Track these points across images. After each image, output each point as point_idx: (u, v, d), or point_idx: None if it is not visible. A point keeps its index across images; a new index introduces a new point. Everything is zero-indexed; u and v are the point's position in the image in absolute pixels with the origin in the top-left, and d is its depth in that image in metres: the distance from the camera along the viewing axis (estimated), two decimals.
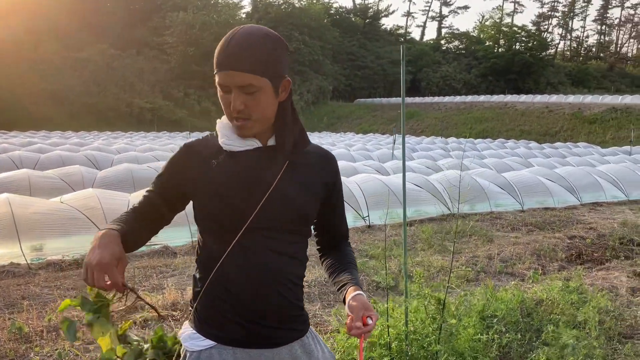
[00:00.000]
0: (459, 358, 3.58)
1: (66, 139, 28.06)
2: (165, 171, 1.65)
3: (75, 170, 11.58)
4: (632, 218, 10.51)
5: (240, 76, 1.47)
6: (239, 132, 1.55)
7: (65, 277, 6.36)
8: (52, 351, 4.30)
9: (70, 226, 7.14)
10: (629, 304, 5.58)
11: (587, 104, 45.72)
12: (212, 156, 1.59)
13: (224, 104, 1.55)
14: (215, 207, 1.53)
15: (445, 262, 7.08)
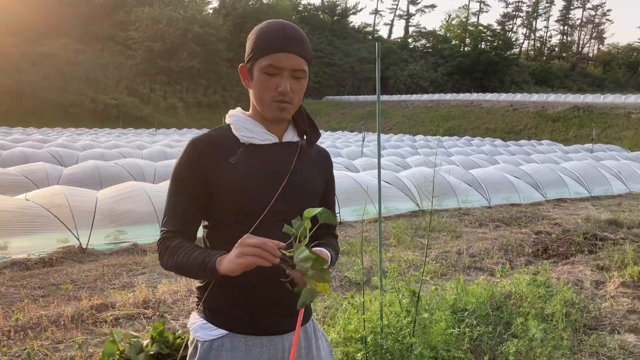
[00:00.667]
0: (432, 351, 3.64)
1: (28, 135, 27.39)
2: (186, 175, 1.59)
3: (40, 167, 11.30)
4: (595, 214, 10.81)
5: (297, 60, 1.56)
6: (280, 114, 1.59)
7: (32, 276, 6.22)
8: (21, 351, 4.21)
9: (37, 224, 6.97)
10: (593, 297, 5.74)
11: (550, 102, 46.79)
12: (229, 151, 1.60)
13: (264, 87, 1.56)
14: (238, 201, 1.55)
15: (415, 257, 7.17)
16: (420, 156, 19.51)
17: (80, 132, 35.99)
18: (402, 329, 3.57)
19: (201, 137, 1.63)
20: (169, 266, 1.56)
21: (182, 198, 1.59)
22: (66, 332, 4.62)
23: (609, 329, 4.88)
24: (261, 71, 1.55)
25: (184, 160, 1.60)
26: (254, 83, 1.59)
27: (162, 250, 1.58)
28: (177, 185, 1.60)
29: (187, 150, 1.60)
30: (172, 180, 1.62)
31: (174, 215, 1.60)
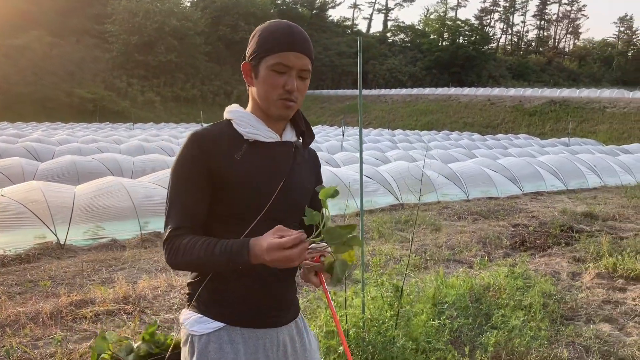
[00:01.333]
0: (413, 343, 3.68)
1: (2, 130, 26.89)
2: (191, 170, 1.57)
3: (15, 163, 11.12)
4: (571, 206, 11.00)
5: (305, 60, 1.59)
6: (285, 112, 1.61)
7: (8, 273, 6.12)
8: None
9: (13, 220, 6.86)
10: (569, 288, 5.85)
11: (527, 96, 47.37)
12: (232, 147, 1.60)
13: (271, 85, 1.58)
14: (243, 198, 1.57)
15: (395, 251, 7.22)
16: (400, 150, 19.61)
17: (56, 126, 35.45)
18: (384, 322, 3.60)
19: (203, 132, 1.62)
20: (185, 264, 1.51)
21: (189, 193, 1.56)
22: (45, 329, 4.56)
23: (585, 319, 4.99)
24: (269, 69, 1.57)
25: (187, 155, 1.58)
26: (260, 80, 1.60)
27: (173, 249, 1.51)
28: (182, 180, 1.57)
29: (190, 145, 1.58)
30: (175, 176, 1.59)
31: (180, 211, 1.56)
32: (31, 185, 7.71)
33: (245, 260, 1.40)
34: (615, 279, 6.10)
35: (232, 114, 1.68)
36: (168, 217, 1.57)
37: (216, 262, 1.45)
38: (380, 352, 3.46)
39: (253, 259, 1.39)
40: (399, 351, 3.45)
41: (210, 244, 1.46)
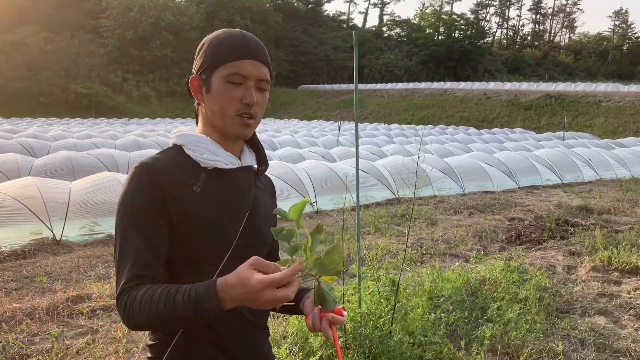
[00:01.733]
0: (410, 337, 3.69)
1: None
2: (143, 207, 1.31)
3: (10, 158, 11.07)
4: (567, 200, 11.03)
5: (263, 69, 1.42)
6: (244, 130, 1.41)
7: (4, 269, 6.12)
8: None
9: (8, 216, 6.84)
10: (565, 281, 5.88)
11: (522, 91, 47.41)
12: (189, 178, 1.38)
13: (228, 98, 1.38)
14: (205, 236, 1.35)
15: (391, 245, 7.24)
16: (396, 145, 19.62)
17: (51, 122, 35.30)
18: (381, 316, 3.61)
19: (151, 161, 1.36)
20: (144, 322, 1.22)
21: (143, 235, 1.29)
22: (42, 325, 4.57)
23: (580, 312, 5.02)
24: (223, 80, 1.38)
25: (135, 189, 1.32)
26: (213, 94, 1.40)
27: (127, 306, 1.22)
28: (133, 220, 1.30)
29: (137, 177, 1.33)
30: (123, 217, 1.32)
31: (134, 259, 1.27)
32: (26, 181, 7.69)
33: (214, 307, 1.12)
34: (611, 272, 6.13)
35: (183, 139, 1.44)
36: (119, 269, 1.28)
37: (180, 315, 1.15)
38: (377, 346, 3.47)
39: (225, 302, 1.11)
40: (395, 345, 3.47)
41: (170, 292, 1.18)
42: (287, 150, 15.78)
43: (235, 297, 1.10)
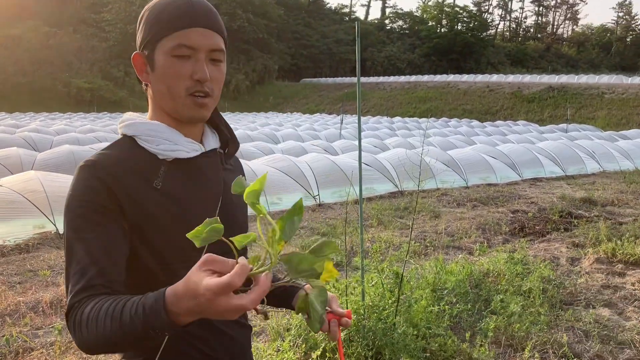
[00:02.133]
0: (414, 329, 3.69)
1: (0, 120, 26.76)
2: (92, 207, 1.11)
3: (13, 153, 11.08)
4: (570, 192, 11.00)
5: (214, 37, 1.20)
6: (198, 112, 1.21)
7: (8, 263, 6.12)
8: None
9: (11, 210, 6.85)
10: (568, 273, 5.87)
11: (526, 83, 47.24)
12: (147, 173, 1.18)
13: (175, 76, 1.18)
14: (171, 238, 1.16)
15: (395, 238, 7.22)
16: (399, 138, 19.57)
17: (54, 116, 35.32)
18: (384, 308, 3.61)
19: (98, 159, 1.16)
20: (95, 343, 0.99)
21: (94, 237, 1.09)
22: (45, 318, 4.57)
23: (584, 303, 5.00)
24: (168, 55, 1.17)
25: (82, 189, 1.12)
26: (158, 73, 1.20)
27: (76, 323, 1.01)
28: (81, 222, 1.10)
29: (84, 177, 1.13)
30: (70, 223, 1.11)
31: (84, 267, 1.06)
32: (29, 175, 7.69)
33: (165, 324, 0.88)
34: (615, 263, 6.11)
35: (133, 129, 1.22)
36: (67, 280, 1.08)
37: (130, 335, 0.93)
38: (380, 338, 3.47)
39: (178, 317, 0.88)
40: (399, 337, 3.46)
41: (117, 306, 0.96)
42: (289, 144, 15.77)
43: (188, 309, 0.86)
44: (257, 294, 0.83)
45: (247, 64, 66.58)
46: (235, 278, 0.80)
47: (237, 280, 0.80)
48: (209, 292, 0.81)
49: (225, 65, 1.26)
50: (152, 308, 0.89)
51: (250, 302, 0.83)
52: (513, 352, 4.01)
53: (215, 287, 0.80)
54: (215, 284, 0.80)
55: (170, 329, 0.89)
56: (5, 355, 3.89)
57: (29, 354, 3.92)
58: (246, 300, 0.83)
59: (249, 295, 0.83)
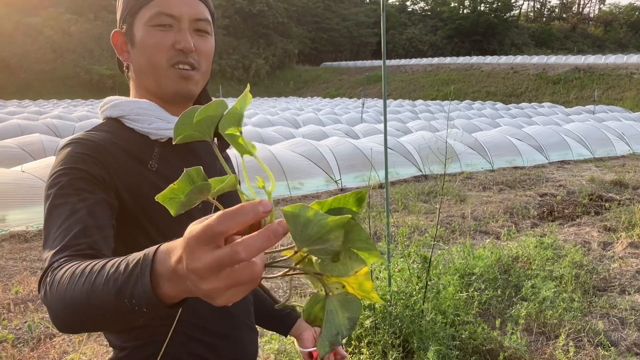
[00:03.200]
0: (442, 316, 3.55)
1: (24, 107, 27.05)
2: (80, 176, 0.98)
3: (36, 139, 11.13)
4: (599, 175, 10.69)
5: (198, 6, 1.11)
6: (184, 85, 1.09)
7: (31, 249, 6.13)
8: (22, 324, 4.14)
9: (34, 196, 6.84)
10: (601, 258, 5.66)
11: (551, 64, 46.28)
12: (139, 155, 1.07)
13: (156, 47, 1.07)
14: (172, 224, 0.92)
15: (420, 222, 7.07)
16: (421, 121, 19.29)
17: (76, 103, 35.68)
18: (412, 294, 3.47)
19: (88, 136, 1.04)
20: (62, 308, 0.74)
21: (80, 201, 0.95)
22: None
23: (619, 290, 4.81)
24: (147, 25, 1.07)
25: (68, 161, 0.99)
26: (138, 47, 1.09)
27: (46, 285, 0.79)
28: (68, 189, 0.96)
29: (70, 151, 1.01)
30: (52, 195, 0.97)
31: (68, 226, 0.91)
32: (50, 161, 7.69)
33: (145, 289, 0.62)
34: None
35: (120, 109, 1.11)
36: (46, 241, 0.92)
37: (99, 299, 0.68)
38: (408, 325, 3.34)
39: (162, 281, 0.62)
40: (427, 325, 3.33)
41: (96, 265, 0.72)
42: (310, 128, 15.62)
43: (171, 269, 0.60)
44: (255, 238, 0.53)
45: (267, 48, 66.35)
46: (220, 219, 0.54)
47: (219, 222, 0.53)
48: (194, 238, 0.55)
49: (213, 38, 1.16)
50: (136, 267, 0.64)
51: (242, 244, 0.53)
52: (546, 340, 3.86)
53: (202, 233, 0.54)
54: (203, 227, 0.55)
55: (148, 299, 0.62)
56: (28, 342, 3.87)
57: (50, 341, 3.89)
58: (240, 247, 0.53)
59: (250, 244, 0.53)
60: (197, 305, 1.03)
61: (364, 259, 0.59)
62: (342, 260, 0.58)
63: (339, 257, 0.58)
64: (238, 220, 0.54)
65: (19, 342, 3.87)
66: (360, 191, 0.61)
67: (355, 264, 0.59)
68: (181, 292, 0.61)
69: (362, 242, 0.57)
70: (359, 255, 0.58)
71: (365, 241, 0.57)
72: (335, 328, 0.60)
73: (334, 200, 0.61)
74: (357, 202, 0.61)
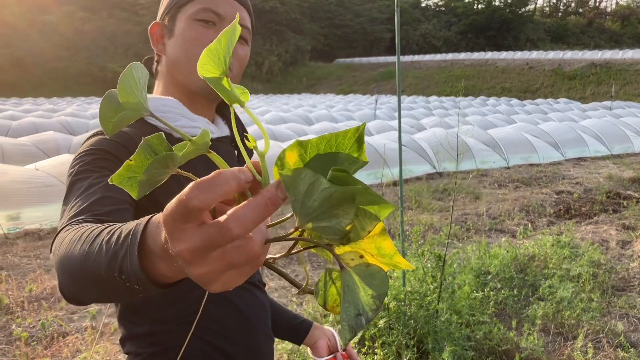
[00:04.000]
0: (457, 316, 3.49)
1: (38, 105, 27.29)
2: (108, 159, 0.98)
3: (50, 137, 11.19)
4: (617, 172, 10.52)
5: (243, 13, 1.11)
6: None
7: (45, 247, 6.15)
8: (35, 322, 4.14)
9: (48, 194, 6.86)
10: (620, 257, 5.56)
11: (567, 60, 45.76)
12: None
13: (195, 39, 1.07)
14: None
15: (434, 220, 7.00)
16: (435, 117, 19.13)
17: (90, 100, 35.90)
18: (426, 294, 3.42)
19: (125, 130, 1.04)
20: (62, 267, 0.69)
21: (102, 176, 0.94)
22: None
23: (639, 289, 4.71)
24: (191, 18, 1.08)
25: (97, 143, 1.00)
26: (177, 38, 1.09)
27: (58, 242, 0.76)
28: (91, 167, 0.96)
29: (99, 138, 1.02)
30: (76, 168, 0.97)
31: (87, 196, 0.90)
32: (64, 159, 7.71)
33: (133, 264, 0.55)
34: None
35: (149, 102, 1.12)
36: (62, 213, 0.91)
37: (92, 265, 0.62)
38: (422, 326, 3.28)
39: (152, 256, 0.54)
40: (442, 325, 3.27)
41: (96, 229, 0.66)
42: (323, 125, 15.57)
43: (161, 248, 0.51)
44: (248, 209, 0.45)
45: (279, 45, 66.30)
46: (194, 190, 0.45)
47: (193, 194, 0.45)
48: (168, 216, 0.47)
49: (249, 49, 1.16)
50: (126, 239, 0.57)
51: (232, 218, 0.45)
52: (563, 341, 3.78)
53: (171, 209, 0.46)
54: (172, 203, 0.47)
55: (140, 279, 0.54)
56: (41, 340, 3.87)
57: (63, 339, 3.89)
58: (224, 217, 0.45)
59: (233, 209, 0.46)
60: (215, 310, 1.04)
61: (374, 213, 0.48)
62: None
63: (349, 239, 0.48)
64: (216, 191, 0.45)
65: (32, 340, 3.87)
66: (358, 127, 0.49)
67: (367, 222, 0.48)
68: (177, 273, 0.52)
69: (366, 196, 0.46)
70: (367, 210, 0.48)
71: (369, 193, 0.46)
72: (356, 308, 0.48)
73: (320, 141, 0.49)
74: (357, 143, 0.49)
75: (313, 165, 0.49)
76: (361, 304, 0.48)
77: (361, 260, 0.51)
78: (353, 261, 0.51)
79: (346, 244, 0.49)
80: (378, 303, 0.48)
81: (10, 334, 3.95)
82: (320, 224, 0.46)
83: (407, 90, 48.18)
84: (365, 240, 0.51)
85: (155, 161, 0.52)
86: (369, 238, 0.51)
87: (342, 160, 0.49)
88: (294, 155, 0.48)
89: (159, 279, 0.55)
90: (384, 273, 0.50)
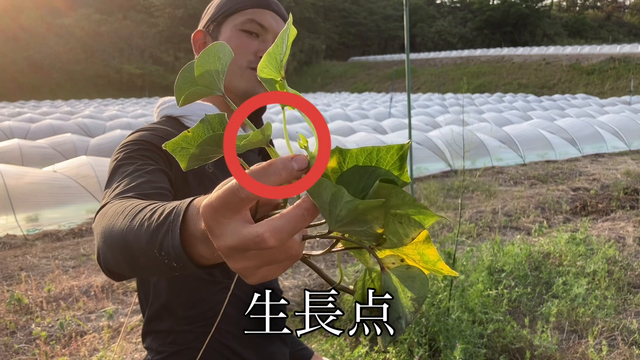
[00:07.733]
0: (469, 314, 3.49)
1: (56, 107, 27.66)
2: (150, 155, 1.03)
3: (67, 139, 11.35)
4: (635, 168, 10.39)
5: (281, 24, 1.20)
6: (255, 86, 1.15)
7: (63, 247, 6.25)
8: (54, 321, 4.22)
9: (65, 195, 6.98)
10: (636, 254, 5.49)
11: (584, 54, 45.21)
12: None
13: (239, 47, 1.14)
14: None
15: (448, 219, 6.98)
16: (450, 114, 19.05)
17: (107, 102, 36.32)
18: (437, 292, 3.42)
19: (159, 126, 1.12)
20: (102, 251, 0.74)
21: (144, 164, 1.00)
22: (97, 302, 4.61)
23: None
24: (236, 28, 1.15)
25: (138, 137, 1.07)
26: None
27: (100, 215, 0.80)
28: (134, 154, 1.03)
29: (140, 133, 1.09)
30: (124, 154, 1.03)
31: (131, 178, 0.95)
32: (82, 161, 7.83)
33: (176, 250, 0.57)
34: None
35: (184, 107, 1.12)
36: (109, 186, 0.96)
37: (132, 241, 0.65)
38: (434, 324, 3.29)
39: (193, 239, 0.56)
40: (454, 323, 3.27)
41: (139, 205, 0.70)
42: (337, 124, 15.57)
43: (201, 232, 0.53)
44: (284, 220, 0.46)
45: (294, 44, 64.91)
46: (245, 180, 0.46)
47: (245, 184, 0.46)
48: (208, 207, 0.47)
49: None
50: (167, 217, 0.59)
51: (269, 230, 0.45)
52: (577, 339, 3.76)
53: (215, 200, 0.47)
54: (218, 194, 0.47)
55: (180, 257, 0.56)
56: (59, 339, 3.94)
57: (81, 338, 3.96)
58: (262, 228, 0.45)
59: (270, 220, 0.46)
60: (233, 312, 1.08)
61: (419, 221, 0.48)
62: (391, 228, 0.48)
63: (384, 239, 0.49)
64: (268, 182, 0.45)
65: (51, 339, 3.95)
66: (402, 145, 0.48)
67: (411, 229, 0.48)
68: (218, 257, 0.53)
69: (409, 206, 0.47)
70: (412, 218, 0.48)
71: (413, 204, 0.46)
72: (396, 311, 0.48)
73: (361, 152, 0.49)
74: (399, 161, 0.48)
75: (349, 175, 0.50)
76: (401, 306, 0.49)
77: (402, 264, 0.51)
78: (394, 265, 0.51)
79: (382, 244, 0.50)
80: (417, 306, 0.49)
81: (30, 333, 4.03)
82: (351, 229, 0.47)
83: (423, 88, 47.99)
84: (408, 246, 0.51)
85: (210, 137, 0.53)
86: (413, 244, 0.51)
87: (379, 174, 0.49)
88: (333, 162, 0.49)
89: (198, 260, 0.57)
90: (424, 276, 0.50)
